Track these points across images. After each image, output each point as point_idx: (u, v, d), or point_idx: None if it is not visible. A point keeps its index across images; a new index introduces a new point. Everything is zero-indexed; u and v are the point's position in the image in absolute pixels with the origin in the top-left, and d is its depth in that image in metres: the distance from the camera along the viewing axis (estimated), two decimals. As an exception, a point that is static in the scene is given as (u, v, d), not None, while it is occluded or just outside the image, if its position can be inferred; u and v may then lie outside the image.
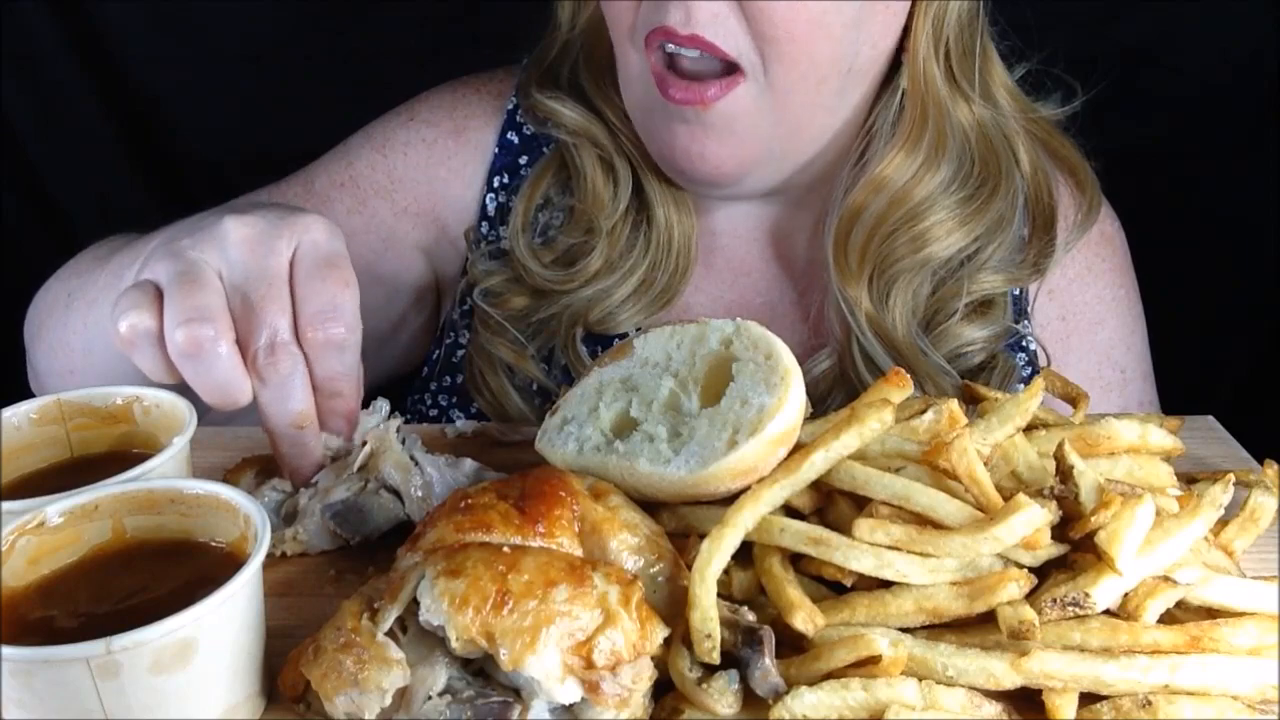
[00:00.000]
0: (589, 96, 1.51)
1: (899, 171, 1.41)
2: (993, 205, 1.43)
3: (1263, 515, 1.00)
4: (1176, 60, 2.02)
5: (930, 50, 1.38)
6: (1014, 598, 0.83)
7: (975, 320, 1.45)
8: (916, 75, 1.39)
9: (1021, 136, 1.49)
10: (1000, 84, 1.47)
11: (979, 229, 1.43)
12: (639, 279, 1.50)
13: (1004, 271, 1.46)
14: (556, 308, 1.49)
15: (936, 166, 1.41)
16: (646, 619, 0.81)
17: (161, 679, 0.76)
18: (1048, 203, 1.50)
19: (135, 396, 1.06)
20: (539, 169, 1.55)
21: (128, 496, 0.89)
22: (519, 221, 1.53)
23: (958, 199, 1.43)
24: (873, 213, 1.41)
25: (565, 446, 1.04)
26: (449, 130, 1.60)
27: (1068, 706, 0.81)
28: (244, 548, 0.85)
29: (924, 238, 1.41)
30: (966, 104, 1.42)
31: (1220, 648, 0.83)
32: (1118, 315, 1.57)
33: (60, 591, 0.85)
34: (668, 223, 1.50)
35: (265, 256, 1.03)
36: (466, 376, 1.54)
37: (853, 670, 0.82)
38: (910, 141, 1.41)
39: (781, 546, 0.90)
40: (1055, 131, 1.54)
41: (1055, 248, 1.49)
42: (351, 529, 1.04)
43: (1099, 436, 1.00)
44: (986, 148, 1.44)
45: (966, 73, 1.41)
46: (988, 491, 0.88)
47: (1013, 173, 1.46)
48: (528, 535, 0.86)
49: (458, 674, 0.81)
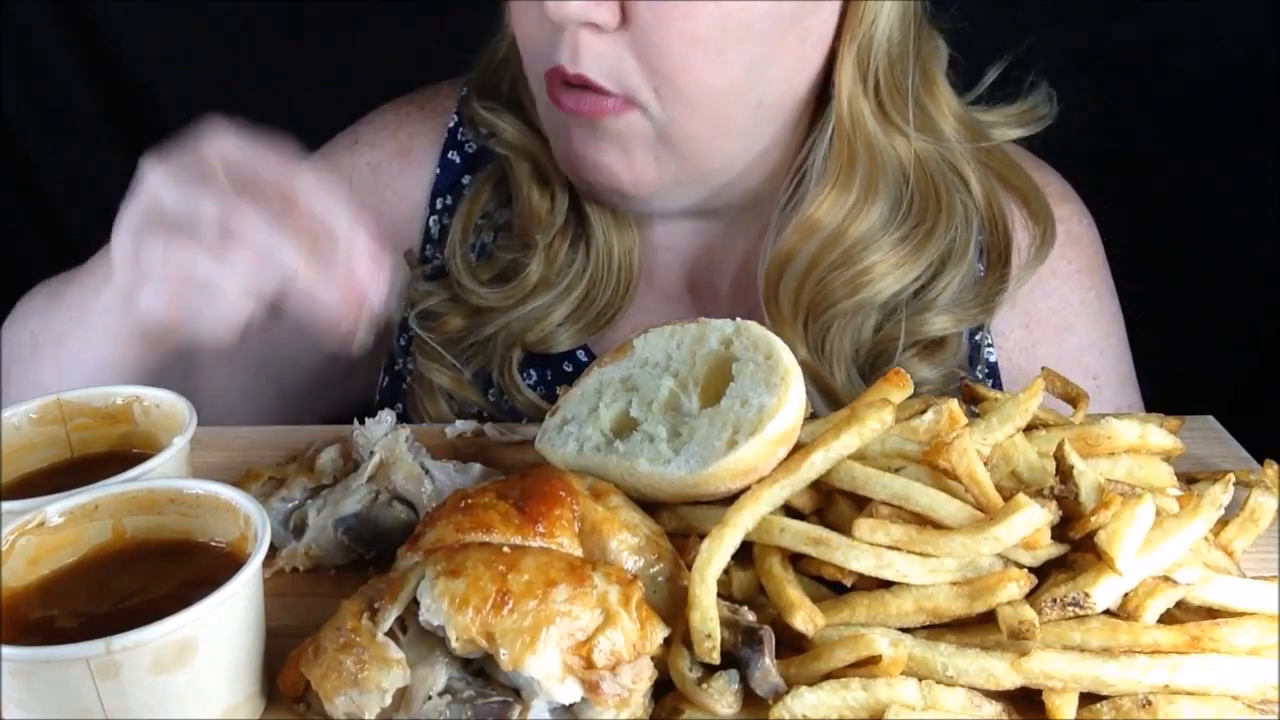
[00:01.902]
0: (525, 108, 1.46)
1: (830, 213, 1.33)
2: (931, 242, 1.36)
3: (1263, 515, 1.00)
4: (1176, 60, 2.02)
5: (857, 86, 1.31)
6: (1014, 598, 0.83)
7: (926, 358, 1.39)
8: (843, 113, 1.32)
9: (973, 166, 1.41)
10: (947, 112, 1.39)
11: (917, 269, 1.36)
12: (578, 296, 1.45)
13: (951, 312, 1.39)
14: (493, 328, 1.44)
15: (870, 205, 1.34)
16: (646, 619, 0.81)
17: (161, 679, 0.76)
18: (1003, 232, 1.44)
19: (135, 396, 1.06)
20: (477, 185, 1.51)
21: (128, 496, 0.89)
22: (457, 237, 1.48)
23: (894, 238, 1.35)
24: (804, 257, 1.35)
25: (565, 446, 1.03)
26: (393, 152, 1.56)
27: (1068, 706, 0.81)
28: (244, 548, 0.85)
29: (859, 280, 1.35)
30: (903, 138, 1.34)
31: (1220, 648, 0.83)
32: (1087, 319, 1.50)
33: (60, 591, 0.85)
34: (607, 240, 1.45)
35: (192, 180, 1.03)
36: (409, 405, 1.50)
37: (853, 670, 0.82)
38: (841, 181, 1.33)
39: (781, 546, 0.90)
40: (1010, 160, 1.48)
41: (1007, 284, 1.42)
42: (365, 543, 1.03)
43: (1099, 436, 1.00)
44: (925, 183, 1.37)
45: (899, 106, 1.34)
46: (988, 491, 0.88)
47: (955, 206, 1.39)
48: (528, 535, 0.86)
49: (458, 674, 0.81)
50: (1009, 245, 1.44)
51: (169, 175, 1.04)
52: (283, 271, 1.02)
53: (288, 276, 1.02)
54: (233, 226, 1.00)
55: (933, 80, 1.39)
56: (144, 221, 1.04)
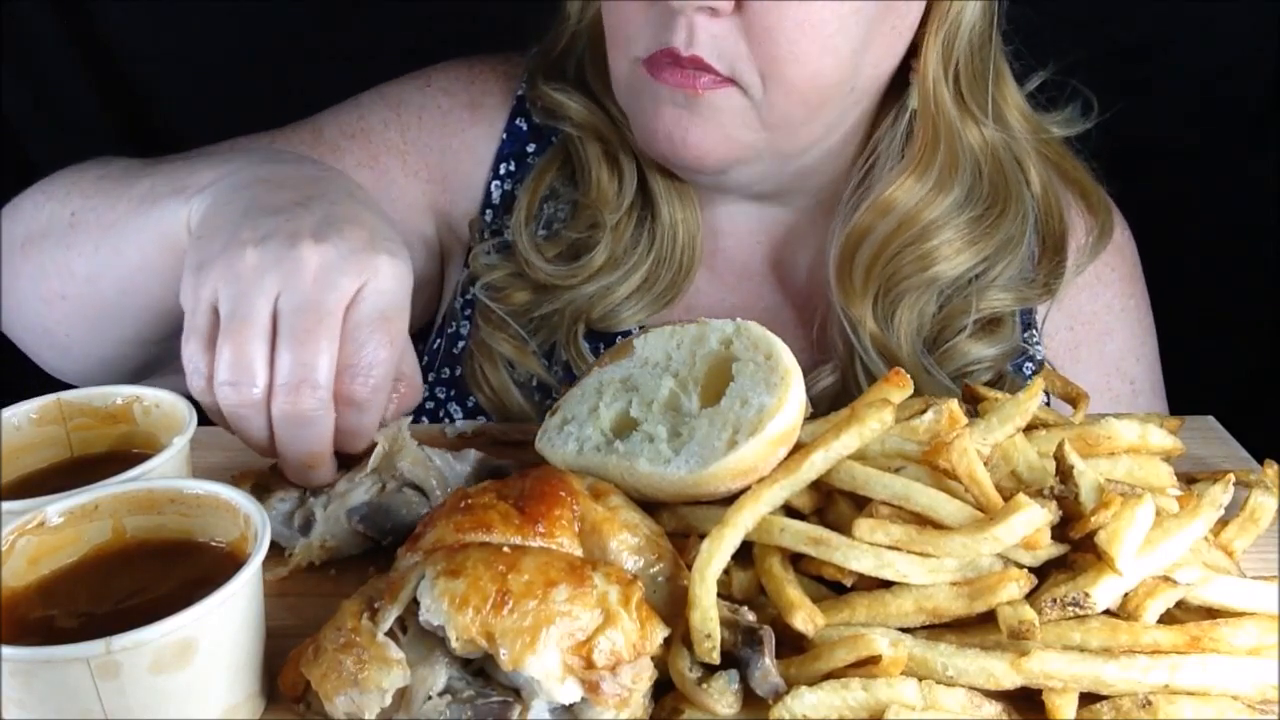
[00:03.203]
0: (594, 90, 1.50)
1: (909, 195, 1.39)
2: (1002, 226, 1.42)
3: (1263, 515, 1.00)
4: (1177, 59, 2.02)
5: (940, 72, 1.36)
6: (1014, 598, 0.83)
7: (983, 338, 1.44)
8: (926, 97, 1.37)
9: (1033, 158, 1.47)
10: (1013, 105, 1.45)
11: (988, 249, 1.42)
12: (642, 276, 1.49)
13: (1013, 290, 1.44)
14: (559, 304, 1.48)
15: (948, 190, 1.39)
16: (646, 619, 0.81)
17: (161, 679, 0.76)
18: (1058, 224, 1.49)
19: (135, 396, 1.06)
20: (544, 162, 1.54)
21: (128, 496, 0.89)
22: (523, 215, 1.51)
23: (967, 219, 1.41)
24: (879, 234, 1.40)
25: (565, 446, 1.04)
26: (465, 103, 1.58)
27: (1068, 706, 0.81)
28: (244, 548, 0.85)
29: (931, 257, 1.40)
30: (977, 127, 1.40)
31: (1220, 648, 0.83)
32: (1127, 326, 1.56)
33: (60, 591, 0.85)
34: (672, 220, 1.49)
35: (326, 291, 0.99)
36: (466, 371, 1.52)
37: (853, 670, 0.82)
38: (921, 165, 1.39)
39: (781, 546, 0.90)
40: (1067, 153, 1.52)
41: (1065, 269, 1.47)
42: (379, 529, 1.03)
43: (1099, 436, 1.00)
44: (997, 170, 1.43)
45: (977, 95, 1.40)
46: (988, 491, 0.88)
47: (1023, 194, 1.45)
48: (528, 535, 0.86)
49: (458, 674, 0.81)
50: (1065, 234, 1.49)
51: (319, 272, 0.99)
52: (302, 452, 1.02)
53: (301, 452, 1.03)
54: (304, 387, 0.98)
55: (1002, 74, 1.44)
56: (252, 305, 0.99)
